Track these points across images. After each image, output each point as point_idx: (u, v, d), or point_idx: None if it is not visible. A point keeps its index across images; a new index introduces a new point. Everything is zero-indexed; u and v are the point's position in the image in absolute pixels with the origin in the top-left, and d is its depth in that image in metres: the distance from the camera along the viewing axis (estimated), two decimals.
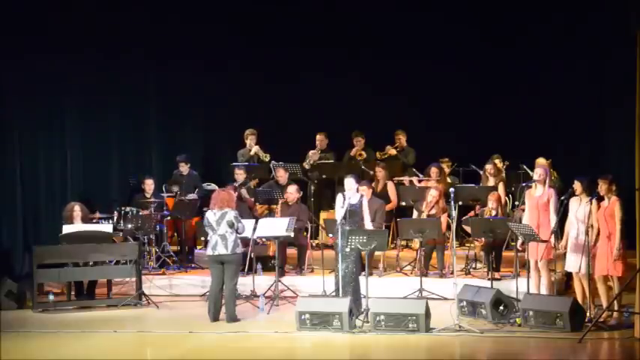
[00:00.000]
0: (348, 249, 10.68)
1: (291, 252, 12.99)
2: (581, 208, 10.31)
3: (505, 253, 11.90)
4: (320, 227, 13.39)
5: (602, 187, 10.16)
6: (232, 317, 10.67)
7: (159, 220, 13.38)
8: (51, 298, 11.94)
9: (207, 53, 15.29)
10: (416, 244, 12.33)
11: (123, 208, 13.17)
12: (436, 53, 15.24)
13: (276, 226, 11.83)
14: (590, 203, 10.22)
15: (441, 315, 10.29)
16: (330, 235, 12.17)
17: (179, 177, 14.22)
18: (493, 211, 12.21)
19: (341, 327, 10.05)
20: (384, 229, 11.97)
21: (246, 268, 11.77)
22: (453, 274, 10.72)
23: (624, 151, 12.41)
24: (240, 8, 15.29)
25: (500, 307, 10.45)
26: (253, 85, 15.51)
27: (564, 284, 11.72)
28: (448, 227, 11.86)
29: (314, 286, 11.90)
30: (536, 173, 10.95)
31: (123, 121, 14.84)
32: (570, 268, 10.54)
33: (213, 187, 13.89)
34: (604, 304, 10.13)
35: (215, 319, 10.72)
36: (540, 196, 10.76)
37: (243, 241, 11.14)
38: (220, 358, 9.43)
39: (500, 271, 11.89)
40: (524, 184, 11.37)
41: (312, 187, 14.11)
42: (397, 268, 12.62)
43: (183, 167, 14.23)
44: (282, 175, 13.75)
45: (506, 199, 13.31)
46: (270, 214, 13.40)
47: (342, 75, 15.36)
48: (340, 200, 10.96)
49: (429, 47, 15.23)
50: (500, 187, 13.06)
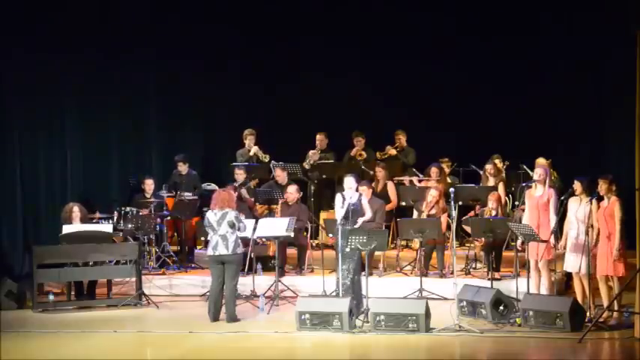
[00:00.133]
0: (348, 249, 10.68)
1: (291, 252, 12.99)
2: (581, 208, 10.30)
3: (505, 253, 11.90)
4: (320, 227, 13.39)
5: (602, 187, 10.16)
6: (232, 317, 10.67)
7: (158, 220, 13.39)
8: (51, 298, 11.94)
9: (207, 53, 15.29)
10: (416, 244, 12.32)
11: (123, 208, 13.16)
12: (436, 53, 15.25)
13: (276, 226, 11.83)
14: (590, 203, 10.22)
15: (441, 315, 10.29)
16: (330, 235, 12.17)
17: (178, 177, 14.22)
18: (493, 211, 12.20)
19: (341, 327, 10.04)
20: (384, 229, 11.98)
21: (246, 268, 11.76)
22: (453, 274, 10.72)
23: (624, 151, 12.42)
24: (240, 8, 15.29)
25: (500, 307, 10.44)
26: (253, 85, 15.51)
27: (564, 284, 11.71)
28: (448, 227, 11.85)
29: (314, 286, 11.89)
30: (536, 173, 10.94)
31: (123, 121, 14.83)
32: (570, 268, 10.53)
33: (214, 187, 13.89)
34: (605, 304, 10.13)
35: (215, 319, 10.72)
36: (540, 196, 10.75)
37: (243, 241, 11.14)
38: (220, 358, 9.43)
39: (500, 271, 11.89)
40: (524, 184, 11.36)
41: (312, 187, 14.10)
42: (397, 268, 12.62)
43: (182, 167, 14.21)
44: (280, 175, 13.75)
45: (506, 199, 13.31)
46: (270, 214, 13.40)
47: (342, 75, 15.36)
48: (339, 200, 10.95)
49: (429, 47, 15.24)
50: (500, 187, 13.05)
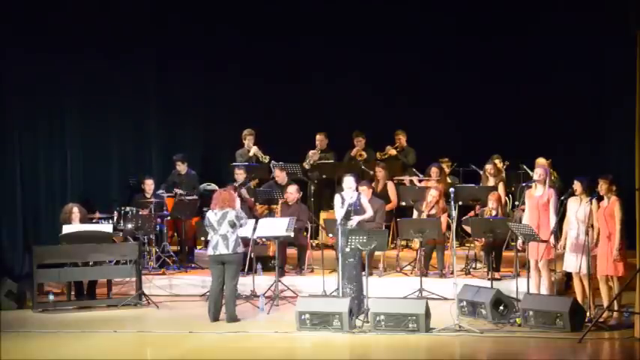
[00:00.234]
0: (348, 249, 10.68)
1: (291, 252, 12.99)
2: (581, 208, 10.30)
3: (505, 253, 11.90)
4: (320, 227, 13.38)
5: (603, 187, 10.15)
6: (232, 317, 10.67)
7: (158, 220, 13.39)
8: (51, 298, 11.94)
9: (207, 53, 15.29)
10: (416, 244, 12.31)
11: (123, 208, 13.17)
12: (436, 53, 15.25)
13: (276, 226, 11.83)
14: (591, 203, 10.22)
15: (441, 315, 10.28)
16: (330, 235, 12.17)
17: (177, 177, 14.23)
18: (493, 211, 12.20)
19: (341, 327, 10.04)
20: (384, 229, 11.98)
21: (246, 268, 11.76)
22: (453, 274, 10.72)
23: (624, 151, 12.41)
24: (240, 8, 15.29)
25: (500, 307, 10.44)
26: (253, 85, 15.51)
27: (564, 284, 11.71)
28: (448, 227, 11.85)
29: (314, 286, 11.90)
30: (536, 173, 10.93)
31: (123, 121, 14.84)
32: (569, 268, 10.53)
33: (214, 187, 13.90)
34: (605, 305, 10.12)
35: (215, 319, 10.72)
36: (540, 196, 10.75)
37: (243, 241, 11.13)
38: (220, 358, 9.42)
39: (500, 271, 11.88)
40: (524, 184, 11.37)
41: (312, 187, 14.10)
42: (397, 268, 12.62)
43: (181, 166, 14.22)
44: (280, 175, 13.75)
45: (506, 199, 13.31)
46: (270, 214, 13.40)
47: (342, 75, 15.36)
48: (338, 201, 10.94)
49: (429, 47, 15.23)
50: (500, 187, 13.05)
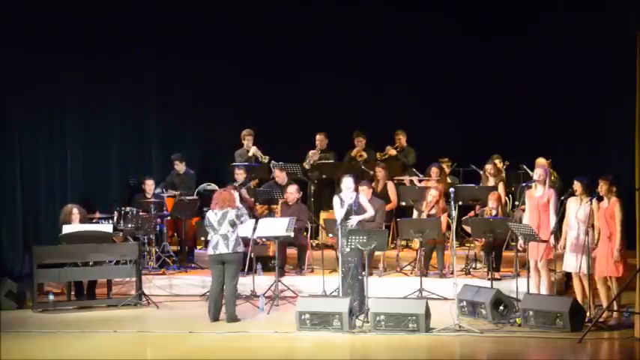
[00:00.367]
0: (348, 249, 10.68)
1: (291, 252, 12.99)
2: (581, 208, 10.28)
3: (505, 253, 11.89)
4: (320, 227, 13.38)
5: (603, 187, 10.14)
6: (232, 317, 10.67)
7: (158, 220, 13.39)
8: (51, 298, 11.94)
9: (207, 53, 15.28)
10: (416, 244, 12.32)
11: (123, 208, 13.17)
12: (436, 53, 15.24)
13: (276, 226, 11.82)
14: (591, 203, 10.21)
15: (441, 315, 10.28)
16: (330, 235, 12.17)
17: (176, 177, 14.25)
18: (493, 211, 12.20)
19: (341, 327, 10.04)
20: (384, 229, 11.98)
21: (246, 268, 11.76)
22: (453, 274, 10.72)
23: (624, 151, 12.41)
24: (240, 8, 15.29)
25: (500, 307, 10.44)
26: (253, 85, 15.51)
27: (564, 284, 11.71)
28: (448, 227, 11.85)
29: (314, 286, 11.90)
30: (536, 173, 10.93)
31: (123, 120, 14.85)
32: (569, 269, 10.52)
33: (214, 187, 13.90)
34: (604, 305, 10.13)
35: (215, 319, 10.72)
36: (541, 197, 10.74)
37: (243, 241, 11.13)
38: (220, 358, 9.43)
39: (500, 271, 11.88)
40: (524, 184, 11.36)
41: (312, 187, 14.09)
42: (397, 268, 12.62)
43: (179, 166, 14.25)
44: (280, 175, 13.75)
45: (506, 199, 13.31)
46: (270, 214, 13.40)
47: (342, 75, 15.36)
48: (337, 202, 10.93)
49: (429, 47, 15.23)
50: (500, 187, 13.05)
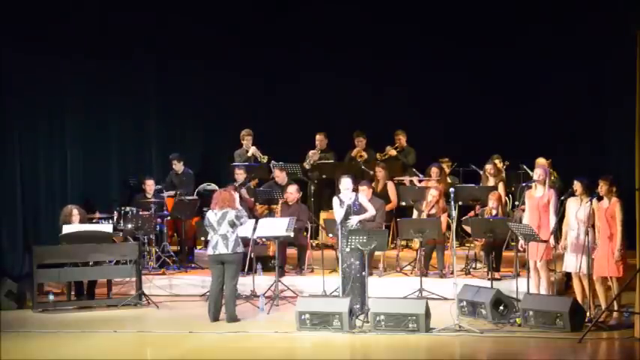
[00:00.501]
0: (348, 249, 10.68)
1: (291, 252, 12.99)
2: (581, 208, 10.28)
3: (505, 253, 11.89)
4: (320, 227, 13.38)
5: (603, 187, 10.14)
6: (232, 317, 10.67)
7: (158, 220, 13.39)
8: (51, 298, 11.94)
9: (207, 53, 15.29)
10: (416, 244, 12.32)
11: (123, 208, 13.17)
12: (436, 53, 15.24)
13: (276, 226, 11.82)
14: (591, 203, 10.21)
15: (441, 315, 10.28)
16: (330, 235, 12.18)
17: (175, 176, 14.27)
18: (494, 211, 12.20)
19: (341, 327, 10.04)
20: (384, 229, 11.98)
21: (246, 268, 11.76)
22: (453, 274, 10.71)
23: (624, 151, 12.41)
24: (240, 8, 15.30)
25: (500, 307, 10.44)
26: (253, 85, 15.51)
27: (564, 284, 11.71)
28: (448, 227, 11.85)
29: (314, 286, 11.90)
30: (536, 173, 10.92)
31: (123, 121, 14.85)
32: (569, 269, 10.52)
33: (214, 187, 13.91)
34: (603, 305, 10.13)
35: (215, 319, 10.72)
36: (541, 197, 10.73)
37: (243, 241, 11.13)
38: (220, 358, 9.42)
39: (500, 271, 11.88)
40: (524, 184, 11.36)
41: (312, 187, 14.09)
42: (397, 268, 12.62)
43: (177, 165, 14.27)
44: (279, 175, 13.75)
45: (506, 199, 13.31)
46: (270, 214, 13.40)
47: (342, 75, 15.36)
48: (337, 203, 10.93)
49: (429, 47, 15.23)
50: (500, 187, 13.05)
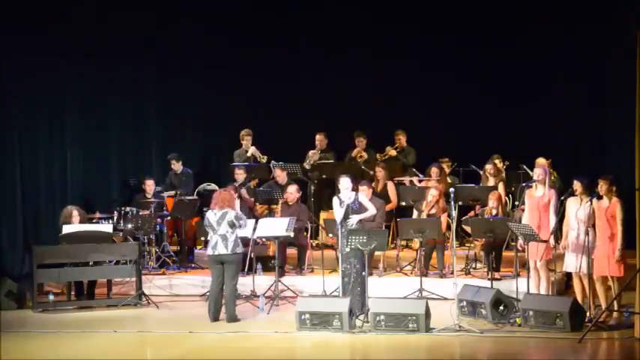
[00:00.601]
0: (348, 249, 10.68)
1: (291, 252, 12.99)
2: (582, 208, 10.28)
3: (505, 253, 11.89)
4: (320, 227, 13.39)
5: (603, 187, 10.13)
6: (232, 317, 10.67)
7: (158, 220, 13.39)
8: (51, 298, 11.94)
9: (207, 53, 15.29)
10: (416, 244, 12.32)
11: (123, 208, 13.18)
12: (436, 53, 15.24)
13: (276, 226, 11.82)
14: (591, 203, 10.21)
15: (441, 315, 10.28)
16: (330, 235, 12.18)
17: (174, 176, 14.28)
18: (494, 210, 12.20)
19: (341, 327, 10.04)
20: (384, 229, 11.98)
21: (246, 268, 11.76)
22: (453, 274, 10.72)
23: (624, 151, 12.40)
24: (240, 8, 15.30)
25: (500, 307, 10.44)
26: (253, 85, 15.50)
27: (564, 284, 11.71)
28: (448, 227, 11.85)
29: (314, 286, 11.90)
30: (536, 173, 10.91)
31: (123, 121, 14.86)
32: (569, 268, 10.52)
33: (214, 187, 13.91)
34: (603, 305, 10.13)
35: (215, 319, 10.72)
36: (541, 197, 10.72)
37: (243, 241, 11.13)
38: (220, 358, 9.42)
39: (500, 271, 11.88)
40: (524, 184, 11.36)
41: (312, 187, 14.10)
42: (397, 268, 12.62)
43: (176, 165, 14.29)
44: (280, 175, 13.76)
45: (506, 199, 13.31)
46: (270, 214, 13.40)
47: (342, 75, 15.36)
48: (337, 203, 10.93)
49: (428, 47, 15.23)
50: (501, 187, 13.05)
